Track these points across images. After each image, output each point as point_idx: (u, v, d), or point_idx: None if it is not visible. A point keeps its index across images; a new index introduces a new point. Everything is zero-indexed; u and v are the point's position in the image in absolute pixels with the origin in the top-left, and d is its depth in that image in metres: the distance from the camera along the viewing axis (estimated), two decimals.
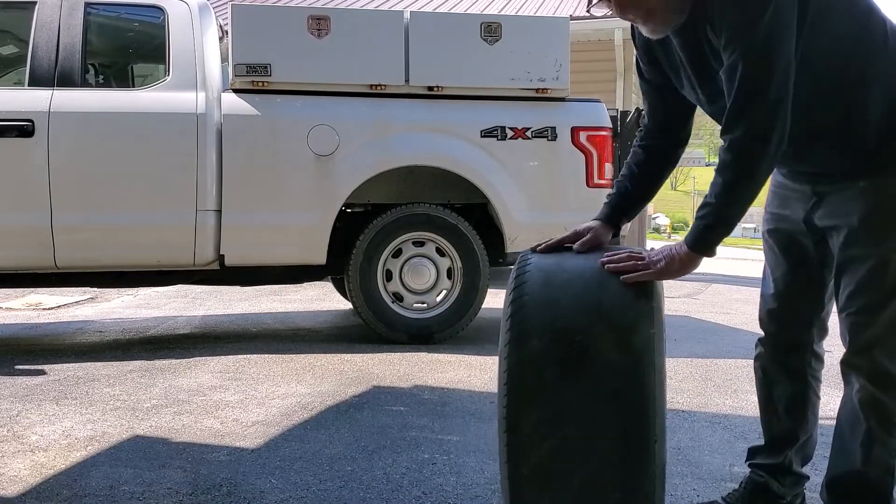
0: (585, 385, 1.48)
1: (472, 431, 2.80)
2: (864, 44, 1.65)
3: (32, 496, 2.18)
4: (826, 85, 1.66)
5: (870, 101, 1.65)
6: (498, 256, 4.44)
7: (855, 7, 1.66)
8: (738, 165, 1.59)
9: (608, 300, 1.54)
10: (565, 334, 1.51)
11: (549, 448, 1.49)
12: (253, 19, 4.13)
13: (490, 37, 4.25)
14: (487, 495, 2.22)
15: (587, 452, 1.47)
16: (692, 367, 3.85)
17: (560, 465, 1.48)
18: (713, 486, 2.34)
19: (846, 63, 1.65)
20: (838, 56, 1.65)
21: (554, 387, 1.49)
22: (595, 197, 4.36)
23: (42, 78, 3.96)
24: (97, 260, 4.03)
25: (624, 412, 1.46)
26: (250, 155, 4.09)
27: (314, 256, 4.20)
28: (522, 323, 1.56)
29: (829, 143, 1.71)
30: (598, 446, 1.47)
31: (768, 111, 1.56)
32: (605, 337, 1.49)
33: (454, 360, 3.91)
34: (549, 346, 1.51)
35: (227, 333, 4.78)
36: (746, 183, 1.59)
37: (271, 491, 2.23)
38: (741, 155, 1.59)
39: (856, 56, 1.65)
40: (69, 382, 3.44)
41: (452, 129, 4.26)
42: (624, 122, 4.59)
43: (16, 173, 3.89)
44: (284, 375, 3.59)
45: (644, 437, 1.45)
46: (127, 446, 2.60)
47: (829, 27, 1.62)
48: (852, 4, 1.66)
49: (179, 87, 4.06)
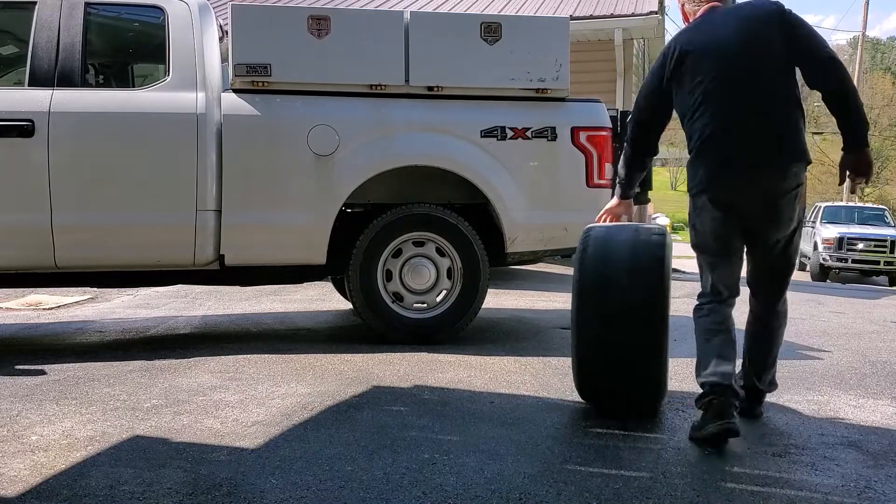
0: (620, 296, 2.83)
1: (472, 431, 2.80)
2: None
3: (32, 496, 2.18)
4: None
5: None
6: (498, 256, 4.43)
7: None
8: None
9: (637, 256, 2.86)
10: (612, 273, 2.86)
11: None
12: (253, 19, 4.13)
13: (490, 37, 4.25)
14: (487, 495, 2.22)
15: (624, 327, 2.81)
16: (692, 367, 3.84)
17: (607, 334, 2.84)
18: (713, 486, 2.34)
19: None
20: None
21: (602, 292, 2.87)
22: (595, 197, 4.37)
23: (42, 78, 3.96)
24: (97, 260, 4.03)
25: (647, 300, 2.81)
26: (250, 155, 4.09)
27: (314, 256, 4.20)
28: (584, 267, 2.90)
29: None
30: (631, 320, 2.81)
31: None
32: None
33: (454, 360, 3.91)
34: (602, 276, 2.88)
35: (227, 333, 4.78)
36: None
37: (271, 491, 2.23)
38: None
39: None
40: (69, 382, 3.44)
41: (452, 129, 4.26)
42: (624, 122, 4.58)
43: (16, 173, 3.89)
44: (284, 375, 3.59)
45: (658, 311, 2.81)
46: (127, 446, 2.60)
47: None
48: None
49: (179, 87, 4.06)
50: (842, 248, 15.61)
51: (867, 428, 3.01)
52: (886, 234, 15.88)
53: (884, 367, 4.19)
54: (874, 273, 16.10)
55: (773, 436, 2.86)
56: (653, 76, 2.95)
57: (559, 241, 4.43)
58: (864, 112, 2.73)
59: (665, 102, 2.93)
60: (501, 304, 6.03)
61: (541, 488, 2.28)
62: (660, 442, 2.75)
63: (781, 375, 3.80)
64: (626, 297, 2.80)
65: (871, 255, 15.65)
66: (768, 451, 2.69)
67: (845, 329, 5.55)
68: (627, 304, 2.79)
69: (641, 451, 2.64)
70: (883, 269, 15.72)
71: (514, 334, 4.76)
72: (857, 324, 5.89)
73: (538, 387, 3.46)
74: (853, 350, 4.64)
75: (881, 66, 63.81)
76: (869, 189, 45.72)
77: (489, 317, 5.27)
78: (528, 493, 2.24)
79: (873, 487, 2.38)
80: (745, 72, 2.73)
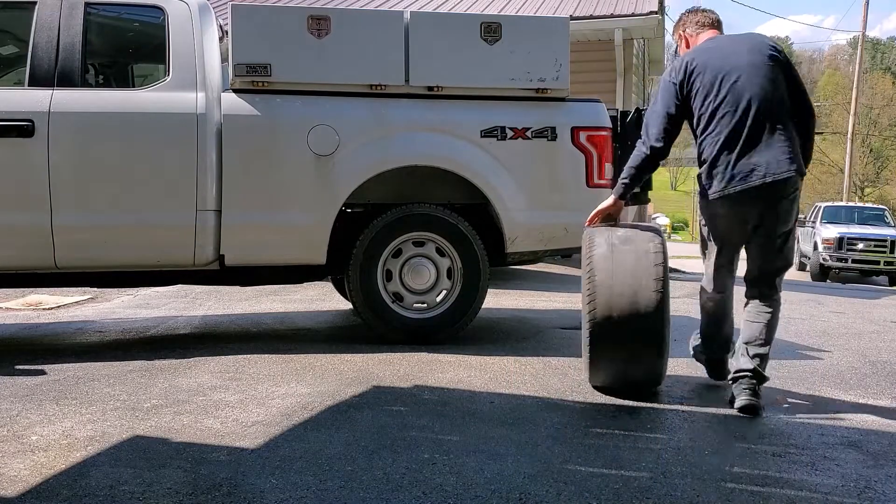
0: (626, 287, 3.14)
1: (472, 431, 2.80)
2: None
3: (32, 496, 2.18)
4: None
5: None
6: (498, 256, 4.43)
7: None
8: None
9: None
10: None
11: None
12: (253, 19, 4.13)
13: (490, 37, 4.24)
14: (487, 495, 2.22)
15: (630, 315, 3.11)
16: (692, 367, 3.84)
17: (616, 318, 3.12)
18: (713, 486, 2.34)
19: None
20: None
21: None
22: (595, 197, 4.35)
23: (42, 78, 3.96)
24: (97, 260, 4.03)
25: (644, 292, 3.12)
26: (250, 155, 4.09)
27: (314, 256, 4.20)
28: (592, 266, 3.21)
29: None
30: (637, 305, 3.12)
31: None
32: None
33: (454, 360, 3.91)
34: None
35: (227, 333, 4.78)
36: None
37: (271, 491, 2.23)
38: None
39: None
40: (69, 382, 3.44)
41: (452, 129, 4.26)
42: (624, 122, 4.58)
43: (16, 173, 3.89)
44: (284, 375, 3.59)
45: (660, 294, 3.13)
46: (127, 446, 2.60)
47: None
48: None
49: (179, 87, 4.06)
50: (842, 248, 15.62)
51: (867, 428, 3.01)
52: (886, 234, 15.88)
53: (884, 367, 4.19)
54: (874, 273, 16.11)
55: (773, 436, 2.87)
56: (666, 95, 3.27)
57: (559, 241, 4.43)
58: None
59: (678, 123, 3.31)
60: (501, 304, 6.03)
61: (541, 488, 2.29)
62: (660, 442, 2.75)
63: (782, 375, 3.81)
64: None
65: (871, 255, 15.66)
66: (768, 451, 2.69)
67: (845, 329, 5.55)
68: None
69: (641, 451, 2.64)
70: (883, 269, 15.73)
71: (514, 334, 4.76)
72: (857, 324, 5.89)
73: (538, 387, 3.46)
74: (853, 350, 4.64)
75: (881, 66, 63.80)
76: (869, 189, 45.71)
77: (489, 317, 5.27)
78: (528, 493, 2.24)
79: (873, 487, 2.38)
80: (758, 90, 3.12)
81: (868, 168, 46.21)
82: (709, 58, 3.20)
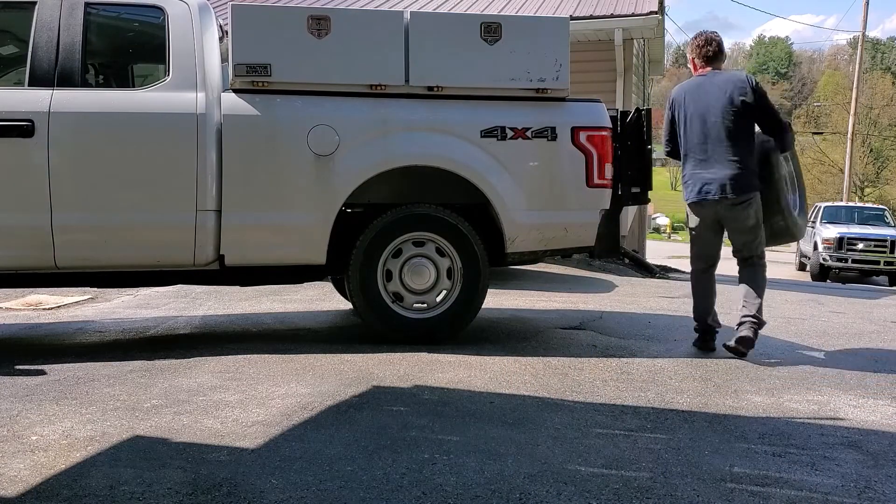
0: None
1: (472, 431, 2.80)
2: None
3: (32, 496, 2.18)
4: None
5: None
6: (498, 256, 4.43)
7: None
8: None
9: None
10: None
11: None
12: (253, 19, 4.12)
13: (490, 37, 4.24)
14: (487, 495, 2.23)
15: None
16: (692, 367, 3.85)
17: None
18: (713, 486, 2.34)
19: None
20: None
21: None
22: (595, 197, 4.37)
23: (42, 78, 3.96)
24: (97, 260, 4.03)
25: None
26: (250, 155, 4.09)
27: (314, 256, 4.20)
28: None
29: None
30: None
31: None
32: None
33: (454, 360, 3.91)
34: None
35: (227, 333, 4.78)
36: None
37: (271, 491, 2.23)
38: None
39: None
40: (69, 382, 3.45)
41: (452, 129, 4.26)
42: (624, 122, 4.58)
43: (16, 173, 3.89)
44: (284, 375, 3.59)
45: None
46: (127, 446, 2.60)
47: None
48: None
49: (179, 87, 4.06)
50: (842, 248, 15.63)
51: (867, 428, 3.01)
52: (886, 234, 15.89)
53: (884, 367, 4.19)
54: (874, 273, 16.11)
55: (773, 436, 2.87)
56: (666, 118, 4.44)
57: (559, 241, 4.43)
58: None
59: (675, 137, 4.44)
60: (501, 304, 6.03)
61: (541, 488, 2.29)
62: (660, 442, 2.75)
63: (782, 375, 3.81)
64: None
65: (871, 255, 15.67)
66: (768, 451, 2.69)
67: (845, 329, 5.55)
68: None
69: (641, 451, 2.64)
70: (883, 269, 15.74)
71: (514, 334, 4.76)
72: (857, 324, 5.89)
73: (538, 387, 3.47)
74: (853, 350, 4.64)
75: (881, 66, 63.82)
76: (869, 189, 45.70)
77: (489, 317, 5.27)
78: (528, 493, 2.24)
79: (873, 487, 2.38)
80: (716, 122, 4.14)
81: (868, 168, 46.19)
82: (689, 96, 4.27)
